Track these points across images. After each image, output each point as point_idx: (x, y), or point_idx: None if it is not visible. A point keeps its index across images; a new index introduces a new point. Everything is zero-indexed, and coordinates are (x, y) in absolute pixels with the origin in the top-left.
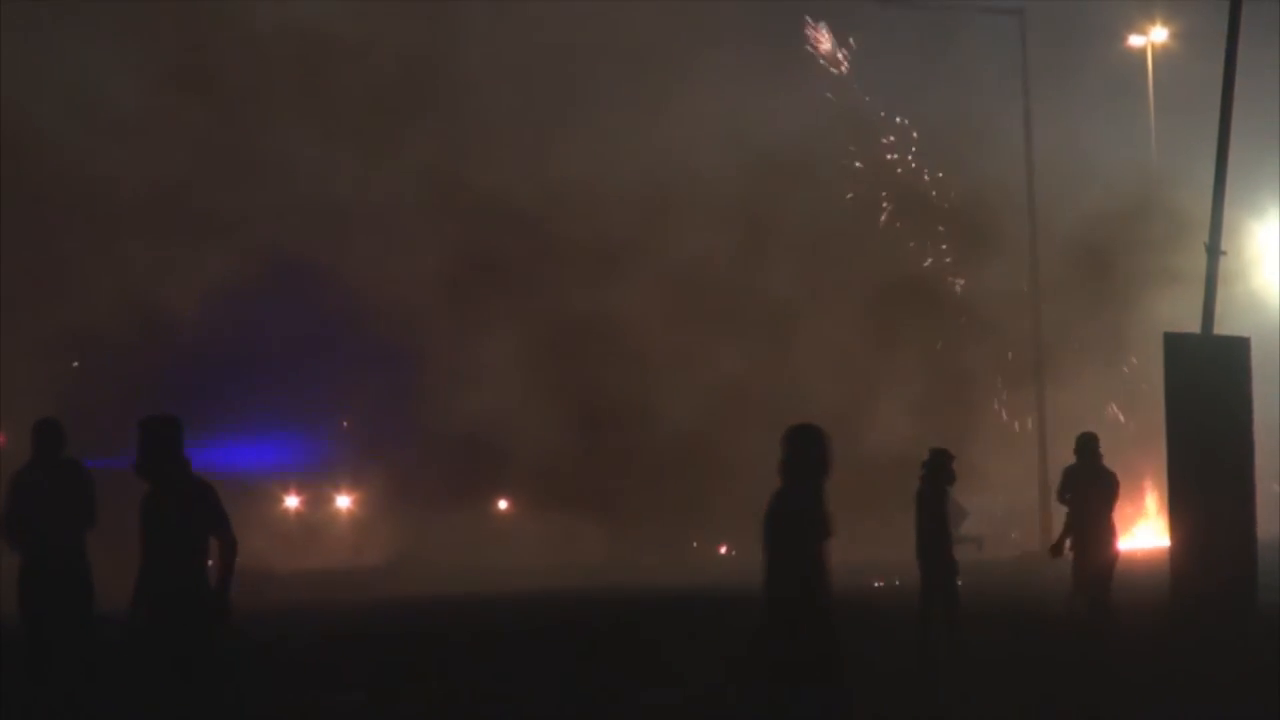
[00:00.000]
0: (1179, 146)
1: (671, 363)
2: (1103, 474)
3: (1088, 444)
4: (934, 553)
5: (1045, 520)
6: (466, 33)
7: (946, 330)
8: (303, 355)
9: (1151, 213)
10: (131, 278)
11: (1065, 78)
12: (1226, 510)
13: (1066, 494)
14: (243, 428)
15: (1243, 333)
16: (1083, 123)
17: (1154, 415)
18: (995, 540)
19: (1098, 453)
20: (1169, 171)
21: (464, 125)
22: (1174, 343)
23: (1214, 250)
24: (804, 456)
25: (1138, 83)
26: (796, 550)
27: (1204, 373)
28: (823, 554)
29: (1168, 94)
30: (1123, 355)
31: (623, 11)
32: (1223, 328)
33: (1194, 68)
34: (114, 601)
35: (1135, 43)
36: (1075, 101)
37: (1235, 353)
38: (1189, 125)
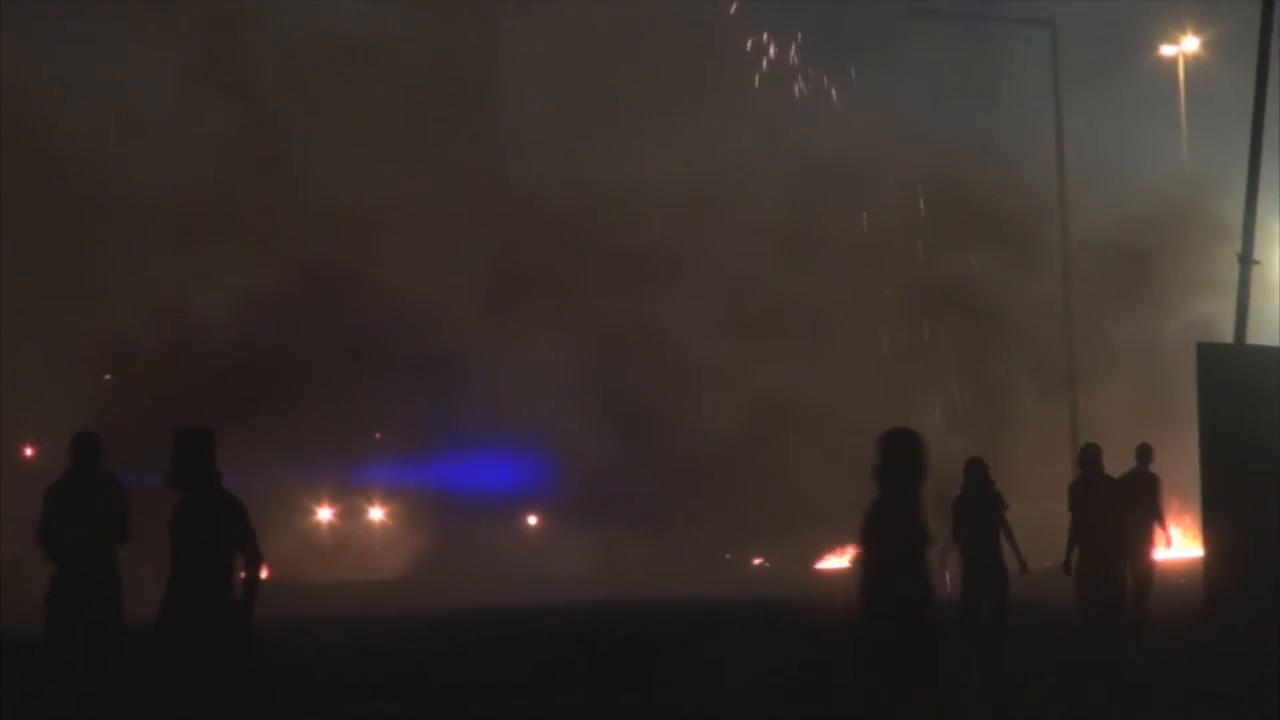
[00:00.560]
0: (1212, 155)
1: (705, 371)
2: (1108, 483)
3: (1094, 456)
4: (985, 556)
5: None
6: (507, 36)
7: (981, 338)
8: (339, 366)
9: (1184, 222)
10: (167, 289)
11: (1098, 88)
12: (1260, 521)
13: (1078, 507)
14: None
15: (1277, 343)
16: (1115, 133)
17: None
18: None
19: (1101, 462)
20: (1202, 181)
21: (504, 131)
22: (1207, 353)
23: (1246, 259)
24: (899, 461)
25: (1170, 92)
26: (895, 561)
27: (1237, 383)
28: (924, 563)
29: (1200, 102)
30: (1155, 364)
31: (664, 15)
32: (1256, 338)
33: (1226, 76)
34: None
35: (1167, 52)
36: (1108, 111)
37: (1269, 363)
38: (1221, 134)
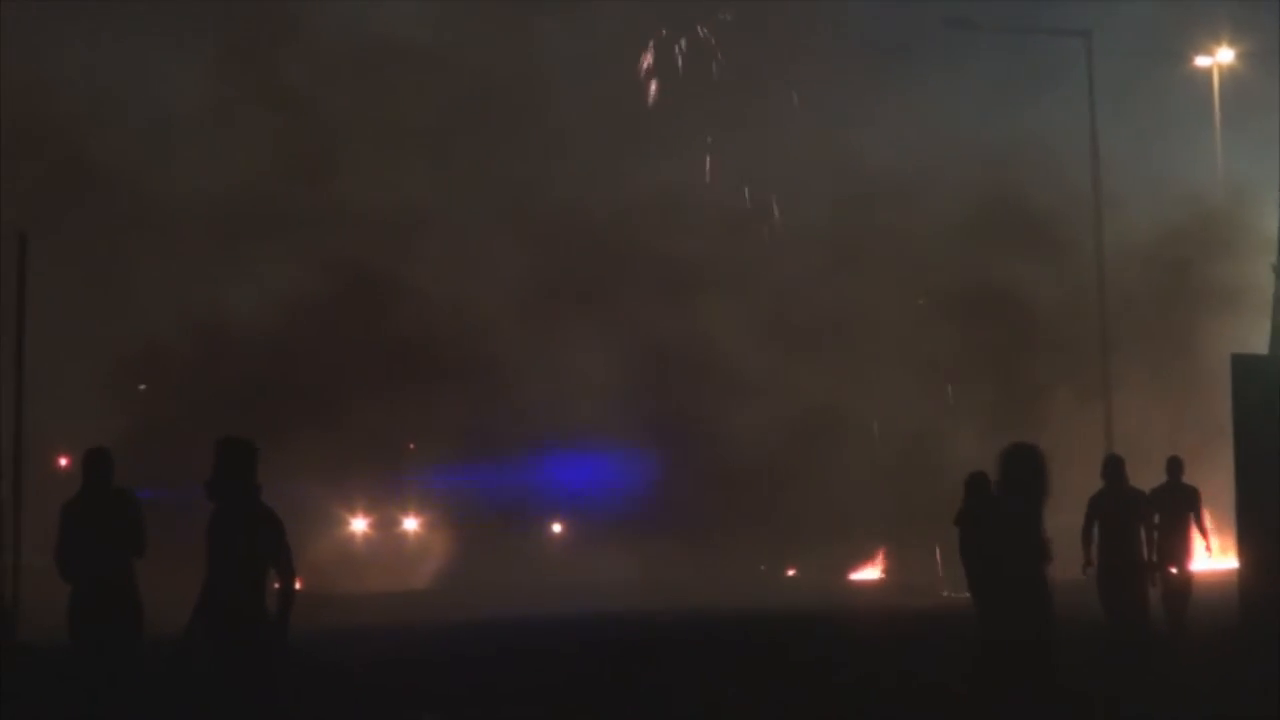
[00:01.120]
0: (1247, 166)
1: (741, 381)
2: (1134, 495)
3: (1117, 468)
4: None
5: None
6: (551, 41)
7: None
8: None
9: (1220, 233)
10: (203, 298)
11: (1133, 98)
12: None
13: (1094, 522)
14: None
15: None
16: (1150, 143)
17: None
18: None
19: (1125, 475)
20: (1238, 192)
21: (550, 137)
22: (1241, 364)
23: None
24: (1020, 476)
25: (1204, 103)
26: (1017, 583)
27: (1272, 394)
28: (1045, 582)
29: (1235, 113)
30: (1189, 375)
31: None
32: None
33: (1262, 87)
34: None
35: (1201, 63)
36: (1143, 121)
37: None
38: (1256, 145)
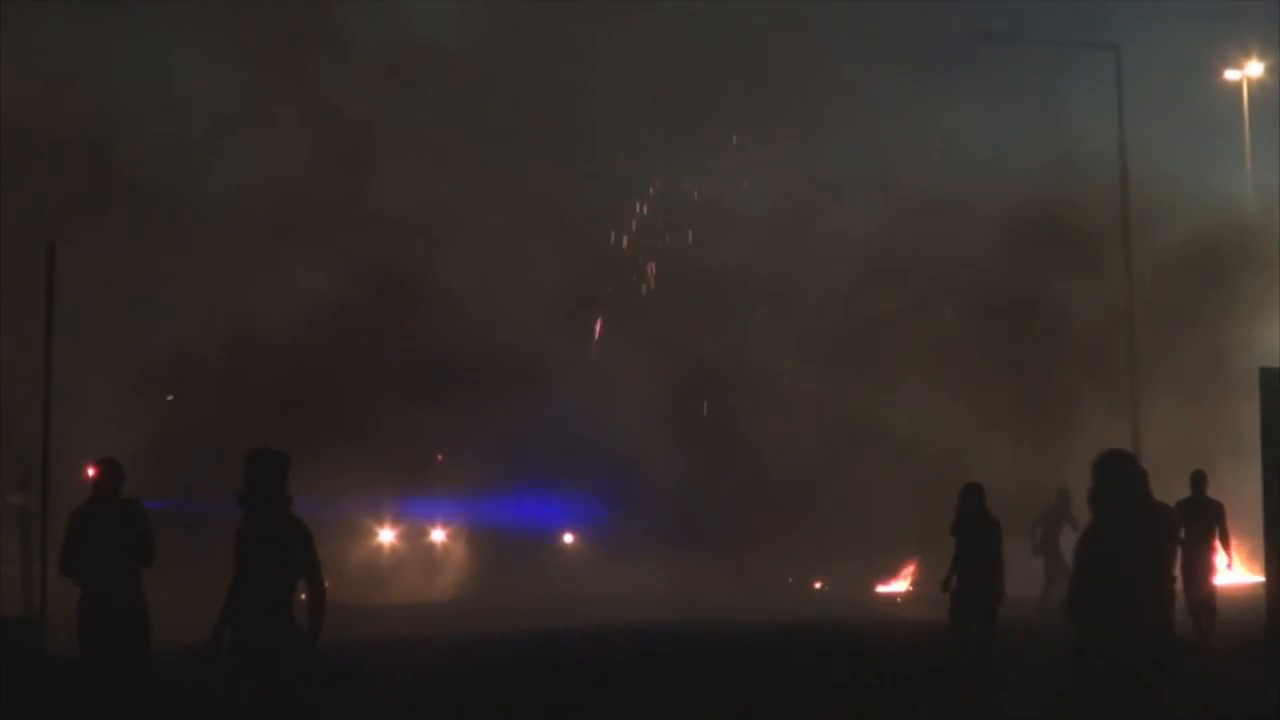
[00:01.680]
0: (1275, 179)
1: (773, 393)
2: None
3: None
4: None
5: None
6: (589, 46)
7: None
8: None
9: (1249, 246)
10: (230, 305)
11: (1162, 111)
12: None
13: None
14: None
15: None
16: (1180, 156)
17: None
18: None
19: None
20: (1268, 205)
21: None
22: (1269, 377)
23: None
24: (1114, 486)
25: (1234, 116)
26: (1111, 585)
27: None
28: (1133, 585)
29: (1264, 126)
30: (1217, 388)
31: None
32: None
33: None
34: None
35: (1231, 76)
36: (1172, 134)
37: None
38: None
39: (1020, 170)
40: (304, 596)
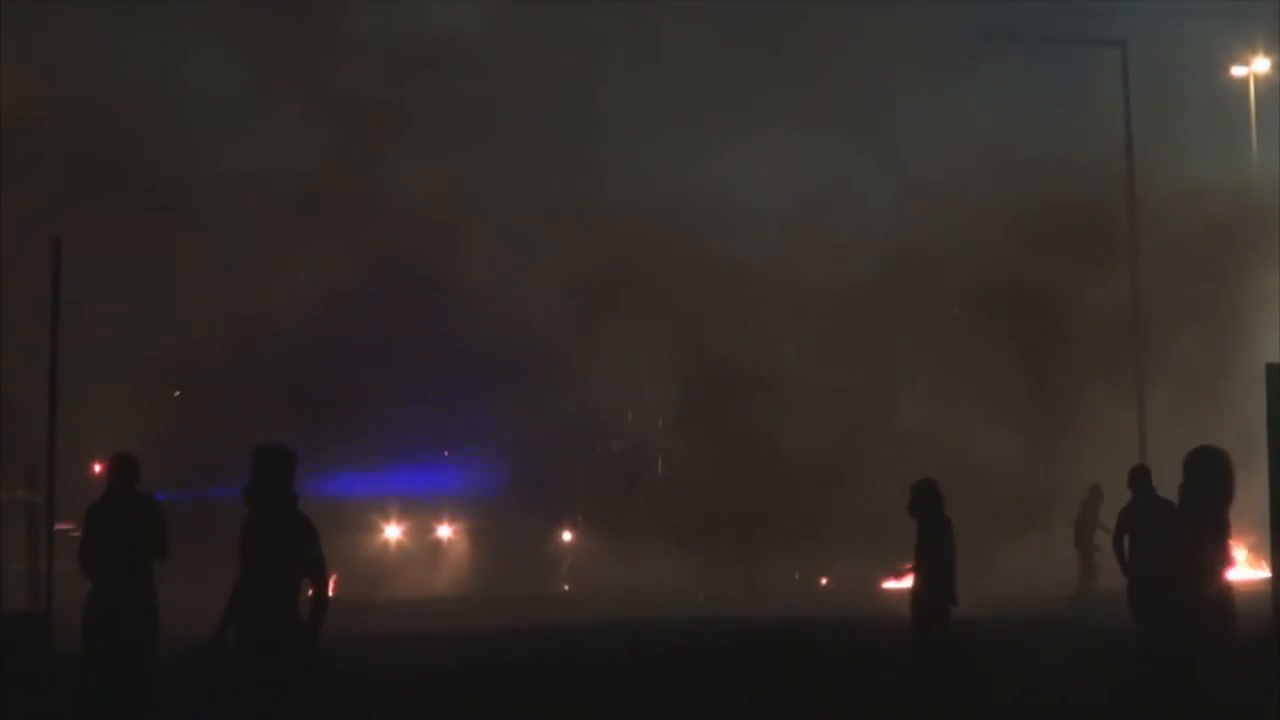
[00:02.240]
0: None
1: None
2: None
3: (1144, 479)
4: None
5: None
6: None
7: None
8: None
9: (1255, 241)
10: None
11: (1169, 108)
12: None
13: (1125, 534)
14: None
15: None
16: (1186, 152)
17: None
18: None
19: (1152, 486)
20: (1273, 201)
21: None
22: (1277, 373)
23: None
24: (1206, 481)
25: (1241, 112)
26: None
27: None
28: (1224, 590)
29: (1269, 122)
30: (1224, 385)
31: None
32: None
33: None
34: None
35: (1237, 73)
36: (1179, 131)
37: None
38: None
39: (1027, 166)
40: (309, 593)
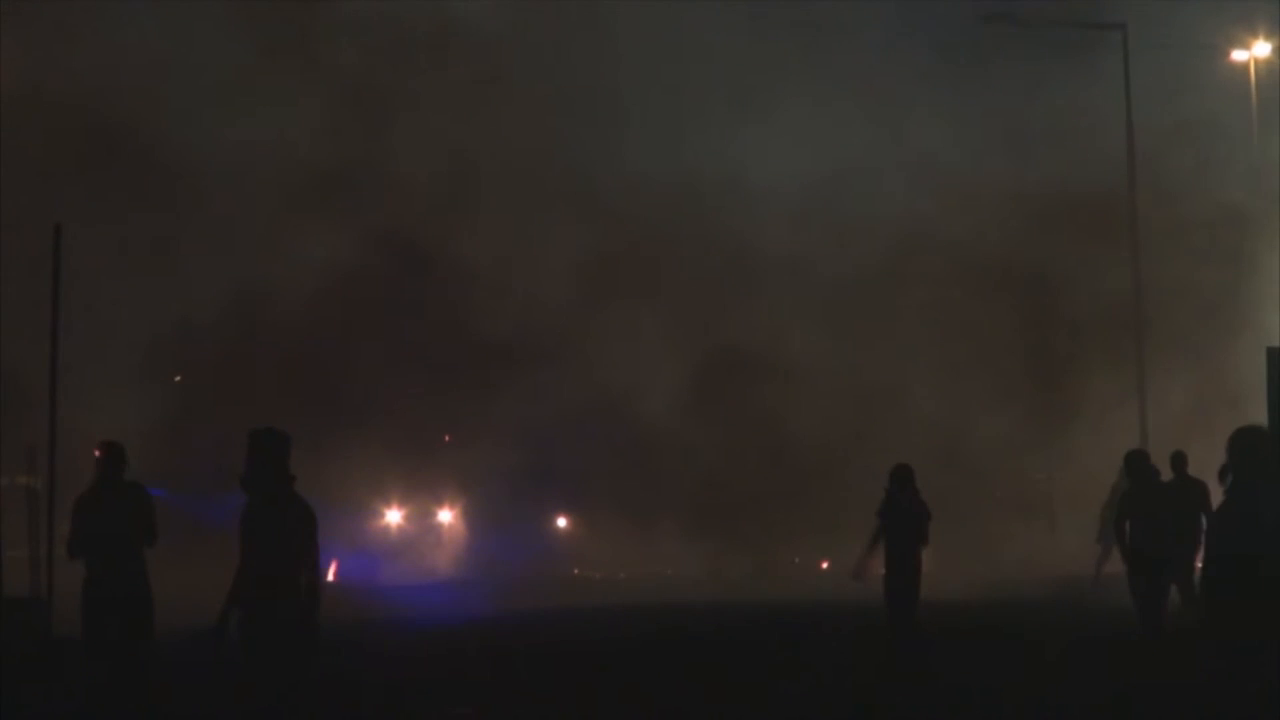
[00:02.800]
0: None
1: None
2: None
3: (1141, 463)
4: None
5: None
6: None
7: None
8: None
9: (1257, 226)
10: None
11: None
12: None
13: (1126, 518)
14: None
15: None
16: (1186, 136)
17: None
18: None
19: (1151, 469)
20: (1274, 186)
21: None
22: (1277, 358)
23: None
24: (1250, 460)
25: (1242, 96)
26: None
27: None
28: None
29: (1270, 107)
30: (1225, 370)
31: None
32: None
33: None
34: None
35: (1238, 57)
36: (1179, 114)
37: None
38: None
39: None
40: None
